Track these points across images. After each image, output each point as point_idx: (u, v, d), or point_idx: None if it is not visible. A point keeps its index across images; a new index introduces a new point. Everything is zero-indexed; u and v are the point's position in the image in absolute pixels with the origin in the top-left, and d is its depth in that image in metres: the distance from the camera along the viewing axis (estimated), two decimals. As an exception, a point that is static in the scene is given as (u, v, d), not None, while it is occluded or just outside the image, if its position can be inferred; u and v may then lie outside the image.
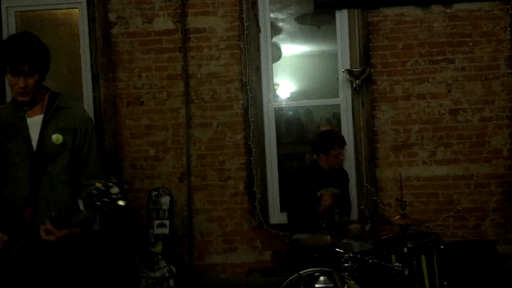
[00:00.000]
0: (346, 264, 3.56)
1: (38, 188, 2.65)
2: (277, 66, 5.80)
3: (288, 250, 4.06)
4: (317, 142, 4.34)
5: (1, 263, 2.54)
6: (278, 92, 6.93)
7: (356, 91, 4.91)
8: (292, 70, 7.13)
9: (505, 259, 4.77)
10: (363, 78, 4.83)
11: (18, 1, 5.23)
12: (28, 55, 2.58)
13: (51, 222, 2.45)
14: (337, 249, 3.58)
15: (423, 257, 3.72)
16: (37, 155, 2.67)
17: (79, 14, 5.20)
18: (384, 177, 4.96)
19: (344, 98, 5.09)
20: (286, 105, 5.73)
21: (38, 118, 2.72)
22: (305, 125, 6.91)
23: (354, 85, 4.84)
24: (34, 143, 2.68)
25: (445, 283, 3.74)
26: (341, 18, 5.09)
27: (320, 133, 4.38)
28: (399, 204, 3.86)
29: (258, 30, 5.06)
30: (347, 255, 3.57)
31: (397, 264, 3.49)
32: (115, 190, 2.31)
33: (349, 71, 4.83)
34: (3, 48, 2.60)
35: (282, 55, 6.06)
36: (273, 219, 5.08)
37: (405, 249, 3.67)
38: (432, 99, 4.94)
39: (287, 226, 4.53)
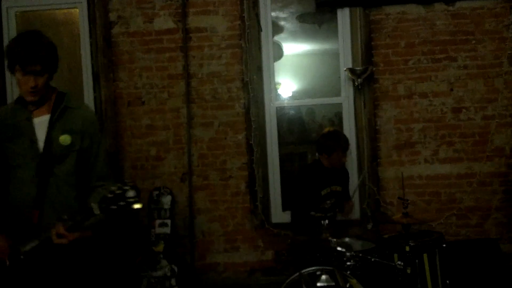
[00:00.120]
0: (348, 263, 3.54)
1: (45, 191, 2.59)
2: (279, 65, 5.79)
3: (290, 250, 4.05)
4: (321, 143, 4.35)
5: (10, 265, 2.48)
6: (280, 91, 6.94)
7: (358, 90, 4.90)
8: (294, 69, 7.14)
9: (508, 258, 4.74)
10: (365, 77, 4.82)
11: (18, 1, 5.22)
12: (40, 55, 2.53)
13: (64, 226, 2.40)
14: (339, 248, 3.57)
15: (426, 256, 3.70)
16: (44, 157, 2.61)
17: (80, 14, 5.19)
18: (386, 176, 4.94)
19: (346, 97, 5.08)
20: (288, 104, 5.73)
21: (45, 119, 2.66)
22: (307, 125, 6.92)
23: (356, 84, 4.83)
24: (41, 144, 2.62)
25: (448, 282, 3.73)
26: (343, 17, 5.07)
27: (325, 134, 4.38)
28: (401, 203, 3.87)
29: (259, 29, 5.05)
30: (349, 254, 3.56)
31: (399, 263, 3.47)
32: (131, 194, 2.28)
33: (351, 70, 4.82)
34: (14, 47, 2.54)
35: (284, 54, 6.05)
36: (275, 219, 5.07)
37: (407, 248, 3.67)
38: (435, 98, 4.92)
39: (289, 226, 4.52)
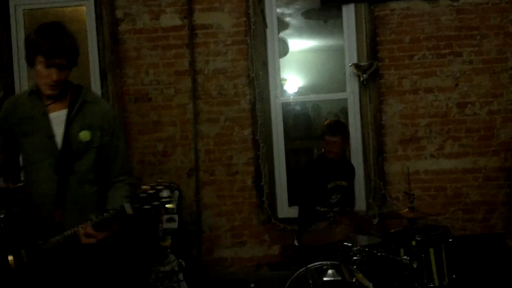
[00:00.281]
0: (355, 258, 3.57)
1: (66, 188, 2.52)
2: (284, 61, 5.81)
3: (296, 245, 4.06)
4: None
5: (28, 261, 2.43)
6: (286, 87, 6.96)
7: (364, 85, 4.91)
8: (299, 65, 7.15)
9: (514, 252, 4.77)
10: (370, 72, 4.83)
11: (26, -1, 5.26)
12: (67, 48, 2.46)
13: (93, 226, 2.36)
14: (345, 243, 3.60)
15: (432, 250, 3.71)
16: (63, 154, 2.53)
17: (86, 12, 5.22)
18: (392, 171, 4.95)
19: (352, 93, 5.09)
20: (293, 100, 5.75)
21: (62, 114, 2.58)
22: (313, 120, 6.93)
23: (361, 79, 4.84)
24: (59, 140, 2.54)
25: (454, 276, 3.74)
26: (348, 13, 5.08)
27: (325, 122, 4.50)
28: (407, 198, 3.88)
29: (265, 26, 5.06)
30: (356, 249, 3.58)
31: (406, 257, 3.50)
32: (165, 194, 2.23)
33: (356, 66, 4.84)
34: (38, 37, 2.43)
35: (289, 50, 6.07)
36: (281, 213, 5.10)
37: (414, 243, 3.68)
38: (440, 93, 4.93)
39: (295, 220, 4.54)
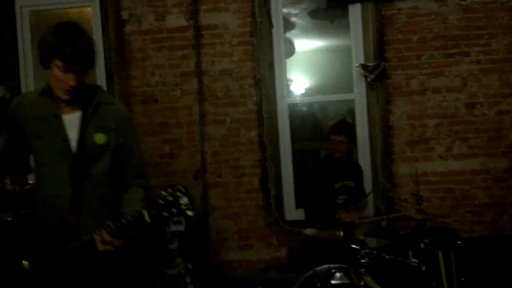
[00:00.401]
0: (363, 260, 3.55)
1: (81, 193, 2.45)
2: (291, 62, 5.77)
3: (303, 247, 4.05)
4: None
5: (42, 265, 2.39)
6: (292, 88, 6.92)
7: (371, 86, 4.88)
8: (306, 66, 7.11)
9: (524, 254, 4.72)
10: (378, 73, 4.80)
11: (32, 0, 5.25)
12: (87, 54, 2.37)
13: (110, 233, 2.30)
14: (353, 245, 3.57)
15: (440, 253, 3.68)
16: (78, 157, 2.45)
17: (92, 13, 5.21)
18: (400, 173, 4.92)
19: (359, 93, 5.06)
20: (300, 101, 5.72)
21: (76, 116, 2.48)
22: (320, 121, 6.89)
23: (368, 80, 4.82)
24: (73, 143, 2.45)
25: (463, 279, 3.71)
26: (354, 12, 5.05)
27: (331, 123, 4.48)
28: (415, 199, 3.84)
29: (271, 26, 5.04)
30: (364, 251, 3.56)
31: (414, 260, 3.48)
32: (185, 200, 2.18)
33: (363, 66, 4.81)
34: (58, 41, 2.30)
35: (296, 51, 6.03)
36: (289, 216, 5.07)
37: (422, 245, 3.64)
38: (448, 93, 4.89)
39: (303, 223, 4.51)
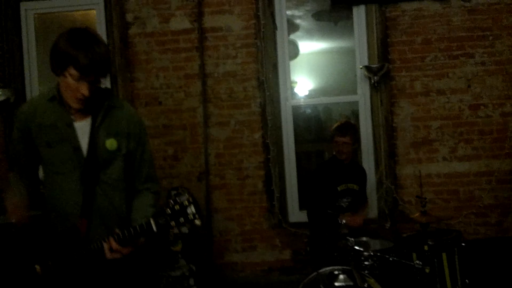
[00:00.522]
0: (366, 263, 3.54)
1: (92, 199, 2.42)
2: (295, 64, 5.79)
3: (307, 250, 4.04)
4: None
5: (53, 269, 2.37)
6: (296, 90, 6.93)
7: (375, 88, 4.87)
8: (310, 67, 7.12)
9: (529, 256, 4.70)
10: (382, 74, 4.80)
11: (37, 3, 5.27)
12: (105, 64, 2.32)
13: (116, 240, 2.28)
14: (357, 247, 3.57)
15: (444, 255, 3.68)
16: (88, 163, 2.41)
17: (97, 15, 5.23)
18: (404, 174, 4.91)
19: (362, 95, 5.05)
20: (304, 103, 5.72)
21: (87, 122, 2.45)
22: (324, 123, 6.89)
23: (372, 82, 4.81)
24: (85, 151, 2.42)
25: (467, 281, 3.70)
26: (359, 14, 5.05)
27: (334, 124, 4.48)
28: (419, 201, 3.83)
29: (275, 28, 5.04)
30: (367, 253, 3.55)
31: (418, 262, 3.46)
32: (192, 210, 2.15)
33: (367, 68, 4.81)
34: (74, 49, 2.23)
35: (300, 52, 6.04)
36: (292, 218, 5.07)
37: (426, 247, 3.64)
38: (452, 95, 4.88)
39: (306, 225, 4.51)
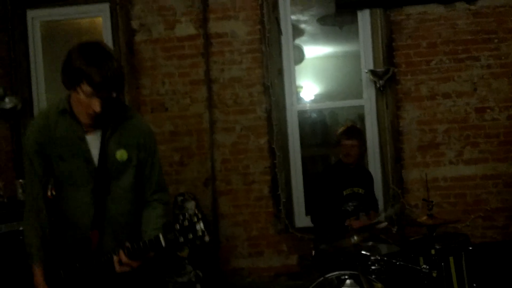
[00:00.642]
0: (373, 267, 3.53)
1: (103, 210, 2.41)
2: (300, 68, 5.79)
3: (314, 255, 4.03)
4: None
5: (64, 277, 2.38)
6: (302, 95, 6.92)
7: (380, 92, 4.87)
8: (316, 72, 7.11)
9: (537, 260, 4.67)
10: (387, 78, 4.79)
11: (43, 11, 5.30)
12: (119, 82, 2.29)
13: (126, 254, 2.27)
14: (364, 252, 3.56)
15: (452, 259, 3.65)
16: (100, 175, 2.40)
17: (103, 23, 5.27)
18: (411, 178, 4.89)
19: (368, 99, 5.05)
20: (309, 108, 5.72)
21: (98, 134, 2.42)
22: (330, 127, 6.88)
23: (378, 86, 4.81)
24: (95, 162, 2.41)
25: (475, 285, 3.67)
26: (363, 18, 5.05)
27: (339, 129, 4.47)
28: (426, 205, 3.81)
29: (280, 33, 5.05)
30: (374, 258, 3.54)
31: (425, 266, 3.45)
32: (201, 226, 2.14)
33: (373, 72, 4.81)
34: (88, 66, 2.19)
35: (305, 57, 6.04)
36: (299, 223, 5.06)
37: (433, 251, 3.62)
38: (458, 98, 4.86)
39: (313, 230, 4.50)
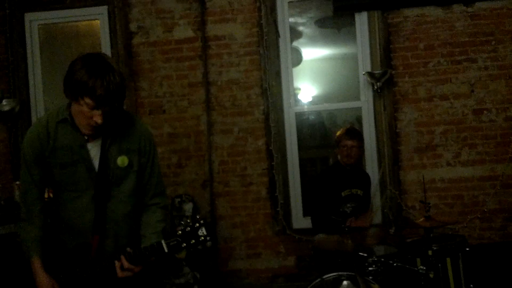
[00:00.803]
0: (370, 268, 3.54)
1: (104, 215, 2.42)
2: (298, 70, 5.80)
3: (312, 256, 4.05)
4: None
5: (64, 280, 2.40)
6: (300, 97, 6.92)
7: (378, 94, 4.88)
8: (314, 74, 7.11)
9: (535, 261, 4.68)
10: (384, 80, 4.81)
11: (41, 14, 5.31)
12: (122, 94, 2.29)
13: (128, 259, 2.29)
14: (361, 253, 3.57)
15: (449, 260, 3.67)
16: (100, 181, 2.42)
17: (101, 25, 5.27)
18: (408, 180, 4.90)
19: (366, 101, 5.06)
20: (307, 110, 5.73)
21: (98, 141, 2.44)
22: (328, 129, 6.89)
23: (375, 88, 4.82)
24: (96, 169, 2.42)
25: (472, 286, 3.68)
26: (361, 20, 5.07)
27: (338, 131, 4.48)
28: (424, 206, 3.83)
29: (277, 35, 5.06)
30: (371, 259, 3.55)
31: (422, 267, 3.46)
32: (203, 232, 2.16)
33: (370, 74, 4.82)
34: (91, 79, 2.18)
35: (303, 59, 6.05)
36: (296, 224, 5.07)
37: (430, 252, 3.62)
38: (455, 100, 4.88)
39: (311, 231, 4.51)
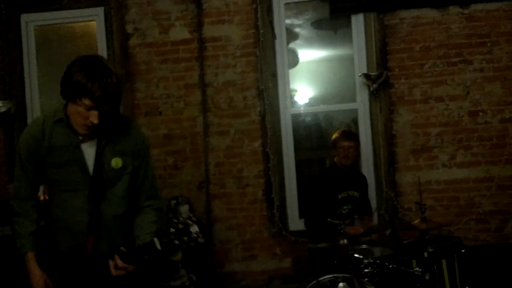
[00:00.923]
0: (366, 270, 3.55)
1: (98, 216, 2.45)
2: (295, 72, 5.80)
3: (308, 258, 4.05)
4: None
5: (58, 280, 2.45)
6: (296, 98, 6.93)
7: (374, 95, 4.89)
8: (310, 76, 7.12)
9: (530, 263, 4.69)
10: (380, 82, 4.81)
11: (37, 15, 5.30)
12: (119, 96, 2.33)
13: (122, 258, 2.32)
14: (357, 255, 3.57)
15: (444, 262, 3.68)
16: (94, 182, 2.45)
17: (97, 27, 5.26)
18: (404, 181, 4.90)
19: (362, 103, 5.06)
20: (303, 111, 5.73)
21: (93, 142, 2.47)
22: (324, 131, 6.90)
23: (371, 89, 4.83)
24: (91, 170, 2.46)
25: (467, 288, 3.70)
26: (357, 22, 5.07)
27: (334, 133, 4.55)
28: (419, 208, 3.84)
29: (274, 37, 5.07)
30: (367, 261, 3.55)
31: (418, 269, 3.46)
32: (195, 229, 2.20)
33: (366, 75, 4.83)
34: (88, 81, 2.22)
35: (299, 61, 6.05)
36: (292, 226, 5.06)
37: (426, 254, 3.64)
38: (451, 101, 4.88)
39: (307, 233, 4.51)
